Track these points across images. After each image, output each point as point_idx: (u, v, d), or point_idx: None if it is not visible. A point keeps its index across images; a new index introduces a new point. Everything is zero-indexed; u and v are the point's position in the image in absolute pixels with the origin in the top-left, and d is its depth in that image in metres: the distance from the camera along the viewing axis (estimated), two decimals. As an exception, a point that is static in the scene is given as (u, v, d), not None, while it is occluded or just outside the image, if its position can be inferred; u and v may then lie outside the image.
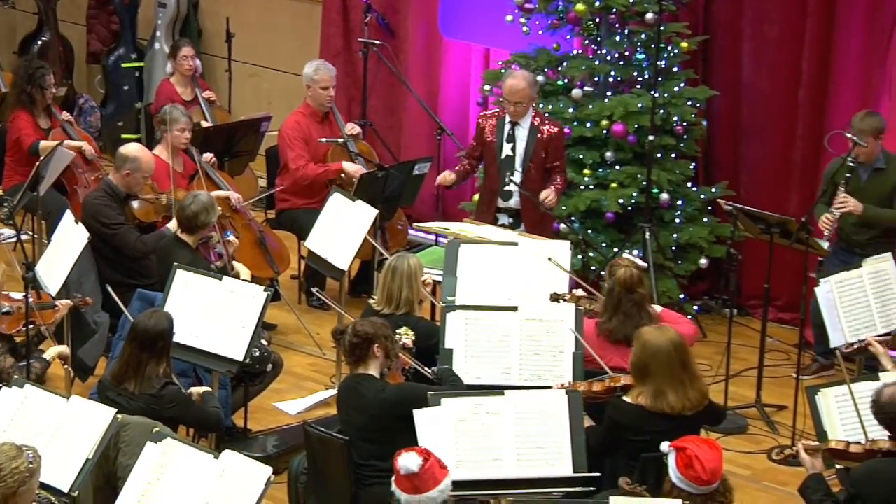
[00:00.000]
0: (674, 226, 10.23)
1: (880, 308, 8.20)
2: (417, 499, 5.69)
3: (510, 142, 9.48)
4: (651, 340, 6.70)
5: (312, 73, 10.36)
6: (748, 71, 10.53)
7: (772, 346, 9.83)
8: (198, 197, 8.69)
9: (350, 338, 6.94)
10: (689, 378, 6.68)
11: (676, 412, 6.61)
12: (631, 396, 6.74)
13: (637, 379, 6.73)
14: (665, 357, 6.64)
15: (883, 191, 9.08)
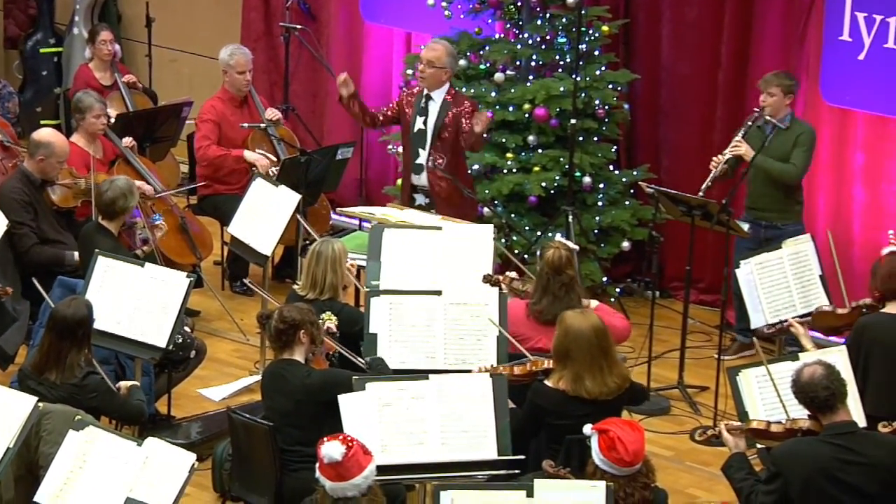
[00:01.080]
0: (596, 209, 10.28)
1: (800, 289, 8.29)
2: (342, 486, 5.68)
3: (423, 115, 9.47)
4: (573, 325, 6.73)
5: (228, 58, 10.30)
6: (668, 54, 10.60)
7: (693, 328, 9.91)
8: (115, 182, 8.61)
9: (276, 323, 6.92)
10: (608, 364, 6.71)
11: (594, 397, 6.65)
12: (552, 380, 6.77)
13: (558, 363, 6.76)
14: (586, 342, 6.67)
15: (783, 150, 9.23)
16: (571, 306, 7.31)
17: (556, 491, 5.81)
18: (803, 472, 6.16)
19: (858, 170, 9.77)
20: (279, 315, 6.92)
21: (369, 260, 8.23)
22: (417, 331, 7.50)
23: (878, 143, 9.68)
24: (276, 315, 6.94)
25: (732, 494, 7.68)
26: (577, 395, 6.66)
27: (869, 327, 7.49)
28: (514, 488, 5.87)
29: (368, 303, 7.53)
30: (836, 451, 6.18)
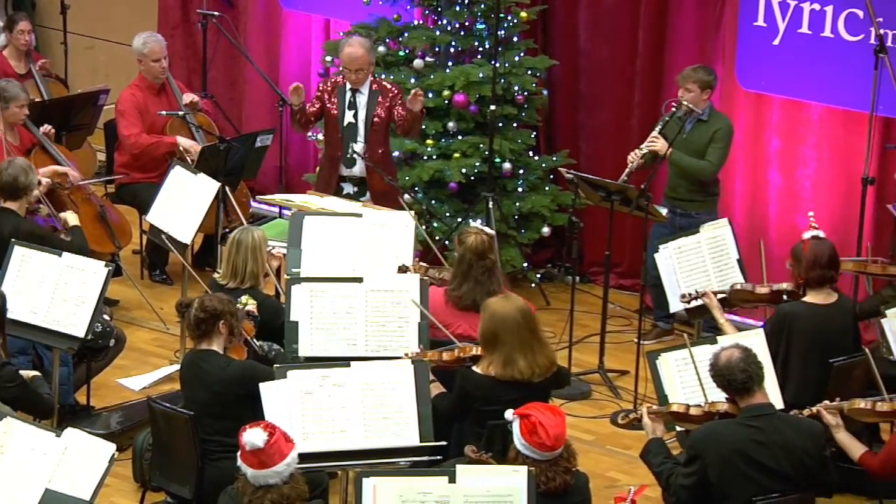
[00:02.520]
0: (516, 195, 10.31)
1: (717, 273, 8.37)
2: (263, 473, 5.67)
3: (352, 109, 9.46)
4: (498, 310, 6.75)
5: (141, 47, 10.21)
6: (586, 40, 10.64)
7: (613, 312, 9.97)
8: (13, 161, 8.52)
9: (196, 312, 6.88)
10: (537, 344, 6.75)
11: (526, 378, 6.67)
12: (481, 367, 6.78)
13: (486, 349, 6.77)
14: (513, 324, 6.69)
15: (701, 142, 9.31)
16: (493, 291, 7.34)
17: (478, 476, 5.83)
18: (721, 453, 6.23)
19: (774, 154, 9.86)
20: (199, 305, 6.88)
21: (290, 247, 8.21)
22: (339, 318, 7.48)
23: (794, 128, 9.78)
24: (196, 304, 6.90)
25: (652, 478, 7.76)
26: (507, 379, 6.67)
27: (791, 316, 7.56)
28: (436, 474, 5.88)
29: (289, 290, 7.50)
30: (753, 433, 6.25)
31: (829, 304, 7.59)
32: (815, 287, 7.60)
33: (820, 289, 7.59)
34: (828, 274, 7.57)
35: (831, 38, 9.44)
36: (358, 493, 5.79)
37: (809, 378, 7.47)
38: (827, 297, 7.60)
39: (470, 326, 7.29)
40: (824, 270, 7.56)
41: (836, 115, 9.58)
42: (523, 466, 5.86)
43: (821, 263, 7.56)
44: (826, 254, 7.57)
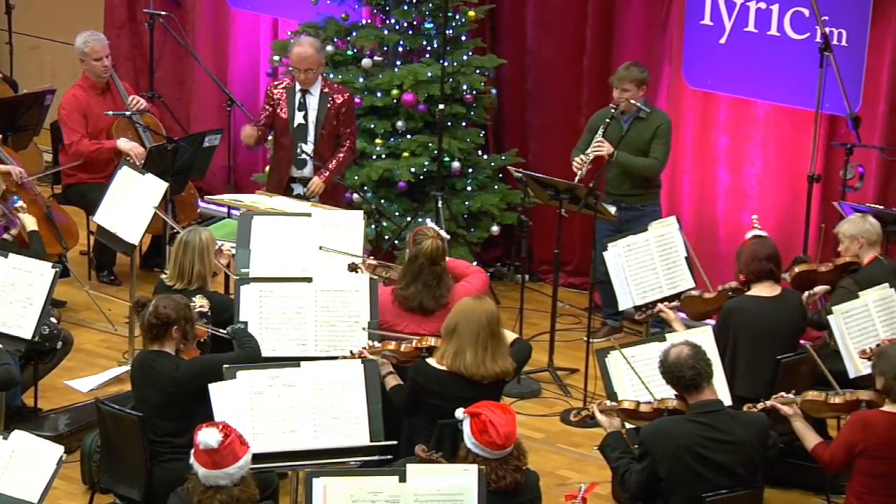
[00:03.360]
0: (465, 194, 10.32)
1: (666, 270, 8.41)
2: (215, 474, 5.65)
3: (301, 110, 9.44)
4: (467, 305, 6.76)
5: (83, 46, 10.15)
6: (534, 39, 10.67)
7: (563, 311, 10.00)
8: None
9: (150, 318, 6.84)
10: (493, 348, 6.71)
11: (470, 374, 6.66)
12: (435, 358, 6.78)
13: (445, 339, 6.76)
14: (475, 320, 6.68)
15: (642, 139, 9.35)
16: (441, 295, 7.34)
17: (429, 475, 5.83)
18: (670, 449, 6.26)
19: (721, 153, 9.92)
20: (154, 309, 6.84)
21: (238, 247, 8.18)
22: (288, 318, 7.47)
23: (740, 126, 9.83)
24: (151, 307, 6.86)
25: (602, 475, 7.81)
26: (455, 372, 6.66)
27: (735, 311, 7.62)
28: (386, 474, 5.88)
29: (238, 291, 7.48)
30: (702, 429, 6.28)
31: (773, 297, 7.65)
32: (757, 281, 7.66)
33: (762, 282, 7.65)
34: (766, 267, 7.64)
35: (777, 36, 9.50)
36: (308, 494, 5.78)
37: (759, 370, 7.53)
38: (770, 290, 7.66)
39: (417, 326, 7.29)
40: (762, 263, 7.63)
41: (782, 113, 9.64)
42: (474, 465, 5.87)
43: (759, 257, 7.64)
44: (765, 249, 7.67)
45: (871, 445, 6.40)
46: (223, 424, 5.78)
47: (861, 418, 6.50)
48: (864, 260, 8.02)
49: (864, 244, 8.02)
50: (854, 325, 7.54)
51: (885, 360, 6.52)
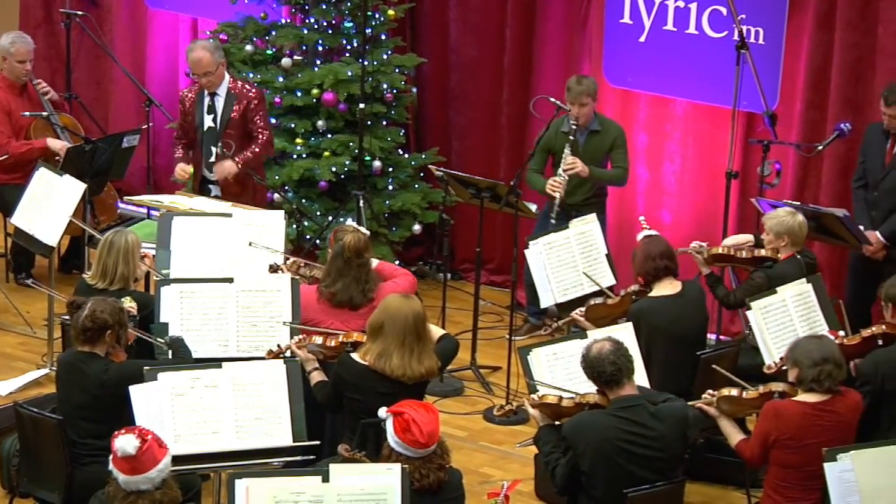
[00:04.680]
0: (387, 193, 10.32)
1: (587, 268, 8.44)
2: (135, 480, 5.60)
3: (211, 113, 9.39)
4: (393, 304, 6.74)
5: (9, 46, 10.05)
6: (455, 37, 10.69)
7: (485, 309, 10.03)
8: None
9: (86, 321, 6.77)
10: (419, 350, 6.70)
11: (396, 377, 6.66)
12: (359, 353, 6.77)
13: (370, 337, 6.76)
14: (402, 321, 6.67)
15: (599, 152, 9.36)
16: (369, 289, 7.34)
17: (352, 475, 5.82)
18: (591, 443, 6.30)
19: (641, 150, 9.99)
20: (91, 313, 6.76)
21: (158, 248, 8.13)
22: (209, 319, 7.43)
23: (660, 124, 9.91)
24: (88, 310, 6.78)
25: (525, 472, 7.85)
26: (379, 370, 6.66)
27: (644, 313, 7.65)
28: (309, 474, 5.86)
29: (158, 292, 7.43)
30: (622, 423, 6.33)
31: (675, 294, 7.71)
32: (655, 280, 7.72)
33: (661, 281, 7.71)
34: (661, 264, 7.70)
35: (695, 34, 9.58)
36: (231, 495, 5.75)
37: (672, 368, 7.57)
38: (671, 287, 7.72)
39: (342, 324, 7.28)
40: (657, 261, 7.69)
41: (700, 111, 9.73)
42: (397, 464, 5.86)
43: (652, 256, 7.70)
44: (657, 247, 7.72)
45: (784, 435, 6.47)
46: (140, 430, 5.73)
47: (773, 408, 6.57)
48: (782, 256, 8.11)
49: (787, 243, 8.10)
50: (772, 320, 7.61)
51: (800, 350, 6.60)
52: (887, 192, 8.78)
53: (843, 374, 6.59)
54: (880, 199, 8.80)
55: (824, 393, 6.52)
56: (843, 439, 6.39)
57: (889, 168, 8.77)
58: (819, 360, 6.50)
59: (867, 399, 6.82)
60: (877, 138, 8.82)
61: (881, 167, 8.80)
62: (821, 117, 9.27)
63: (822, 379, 6.49)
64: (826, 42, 9.19)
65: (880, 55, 9.01)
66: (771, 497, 6.59)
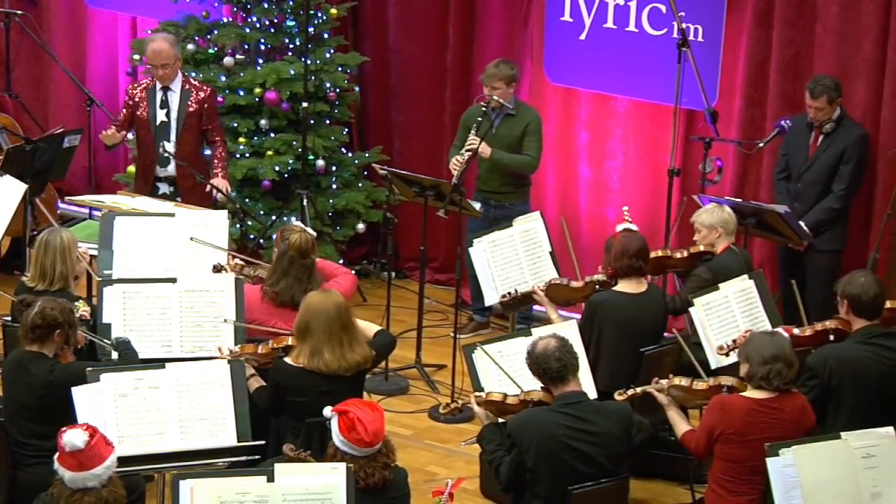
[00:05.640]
0: (330, 192, 10.31)
1: (531, 266, 8.47)
2: (82, 476, 5.58)
3: (164, 108, 9.35)
4: (315, 302, 6.75)
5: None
6: (396, 36, 10.69)
7: (430, 307, 10.04)
8: None
9: (35, 318, 6.71)
10: (348, 340, 6.74)
11: (332, 371, 6.67)
12: (292, 357, 6.77)
13: (298, 339, 6.77)
14: (325, 316, 6.69)
15: (513, 136, 9.41)
16: (311, 289, 7.33)
17: (297, 475, 5.81)
18: (535, 440, 6.32)
19: (583, 148, 10.03)
20: (41, 310, 6.71)
21: (100, 249, 8.08)
22: (152, 319, 7.40)
23: (602, 122, 9.95)
24: (37, 308, 6.73)
25: (470, 470, 7.87)
26: (314, 369, 6.66)
27: (601, 306, 7.69)
28: (254, 474, 5.85)
29: (101, 292, 7.39)
30: (566, 419, 6.35)
31: (639, 294, 7.74)
32: (624, 277, 7.75)
33: (629, 279, 7.74)
34: (636, 264, 7.72)
35: (636, 32, 9.63)
36: (175, 496, 5.73)
37: (621, 365, 7.61)
38: (637, 286, 7.75)
39: (286, 323, 7.27)
40: (632, 260, 7.71)
41: (641, 109, 9.78)
42: (342, 463, 5.86)
43: (628, 253, 7.71)
44: (635, 245, 7.73)
45: (729, 429, 6.51)
46: (87, 425, 5.72)
47: (720, 402, 6.61)
48: (719, 249, 8.17)
49: (721, 233, 8.17)
50: (715, 317, 7.66)
51: (752, 346, 6.63)
52: (811, 183, 8.88)
53: (794, 374, 6.63)
54: (804, 191, 8.90)
55: (773, 391, 6.56)
56: (787, 437, 6.42)
57: (812, 160, 8.87)
58: (770, 358, 6.53)
59: (812, 393, 6.88)
60: (800, 130, 8.93)
61: (804, 159, 8.90)
62: (760, 114, 9.35)
63: (772, 377, 6.53)
64: (765, 39, 9.26)
65: (818, 52, 9.09)
66: (715, 491, 6.64)
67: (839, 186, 8.83)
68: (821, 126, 8.82)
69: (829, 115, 8.77)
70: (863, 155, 8.83)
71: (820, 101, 8.70)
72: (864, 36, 8.92)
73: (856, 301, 7.09)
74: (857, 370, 6.98)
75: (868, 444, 6.34)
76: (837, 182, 8.83)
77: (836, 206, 8.83)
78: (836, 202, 8.83)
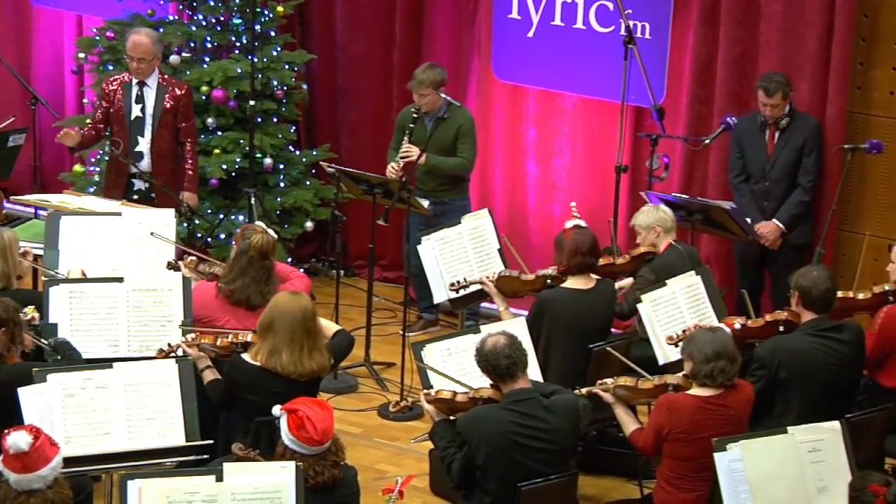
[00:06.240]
0: (278, 190, 10.28)
1: (479, 262, 8.49)
2: (27, 478, 5.54)
3: (139, 103, 9.29)
4: (282, 302, 6.72)
5: None
6: (344, 33, 10.68)
7: (379, 305, 10.03)
8: None
9: None
10: (309, 346, 6.70)
11: (287, 374, 6.64)
12: (250, 354, 6.74)
13: (260, 336, 6.74)
14: (291, 319, 6.66)
15: (447, 139, 9.43)
16: (267, 290, 7.30)
17: (246, 474, 5.79)
18: (486, 437, 6.33)
19: (531, 145, 10.04)
20: None
21: (46, 248, 8.03)
22: (99, 319, 7.36)
23: (549, 119, 9.97)
24: None
25: (420, 468, 7.88)
26: (270, 369, 6.64)
27: (550, 302, 7.71)
28: (203, 474, 5.82)
29: (47, 293, 7.34)
30: (516, 416, 6.36)
31: (588, 290, 7.77)
32: (575, 274, 7.77)
33: (580, 275, 7.76)
34: (588, 261, 7.75)
35: (583, 29, 9.65)
36: (123, 497, 5.70)
37: (571, 361, 7.64)
38: (586, 282, 7.78)
39: (238, 321, 7.24)
40: (584, 258, 7.74)
41: (589, 106, 9.81)
42: (291, 462, 5.85)
43: (581, 251, 7.74)
44: (587, 242, 7.76)
45: (677, 428, 6.55)
46: (32, 427, 5.68)
47: (667, 401, 6.64)
48: (661, 248, 8.21)
49: (660, 232, 8.22)
50: (662, 313, 7.70)
51: (694, 344, 6.66)
52: (777, 180, 8.95)
53: (737, 369, 6.67)
54: (771, 189, 8.97)
55: (717, 388, 6.60)
56: (735, 433, 6.46)
57: (774, 157, 8.92)
58: (712, 355, 6.56)
59: (760, 383, 6.92)
60: (751, 130, 8.99)
61: (765, 158, 8.95)
62: (707, 111, 9.40)
63: (716, 374, 6.57)
64: (711, 37, 9.31)
65: (763, 49, 9.15)
66: (664, 488, 6.67)
67: (806, 178, 8.91)
68: (776, 123, 8.88)
69: (783, 110, 8.85)
70: (821, 145, 8.92)
71: (776, 98, 8.77)
72: (808, 33, 8.99)
73: (806, 294, 7.15)
74: (806, 362, 7.03)
75: (814, 439, 6.39)
76: (803, 175, 8.92)
77: (806, 198, 8.92)
78: (806, 194, 8.92)
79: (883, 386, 7.50)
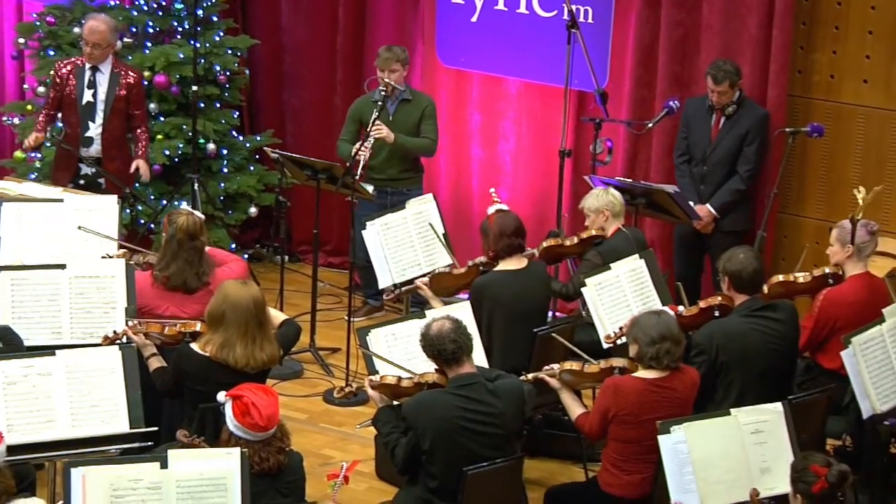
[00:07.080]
0: (221, 176, 10.24)
1: (424, 247, 8.49)
2: (-29, 468, 5.51)
3: (91, 88, 9.23)
4: (233, 292, 6.66)
5: None
6: (287, 18, 10.65)
7: (324, 290, 10.02)
8: None
9: None
10: (261, 338, 6.66)
11: (240, 367, 6.61)
12: (199, 344, 6.70)
13: (210, 327, 6.69)
14: (243, 309, 6.61)
15: (411, 121, 9.42)
16: (203, 272, 7.28)
17: (191, 461, 5.77)
18: (431, 422, 6.34)
19: (475, 130, 10.06)
20: None
21: (-14, 236, 7.97)
22: (41, 306, 7.31)
23: (493, 103, 9.99)
24: None
25: (366, 453, 7.88)
26: (221, 361, 6.60)
27: (486, 287, 7.72)
28: (147, 461, 5.80)
29: (-11, 280, 7.29)
30: (461, 401, 6.38)
31: (520, 269, 7.79)
32: (505, 256, 7.79)
33: (510, 257, 7.78)
34: (515, 242, 7.78)
35: (526, 14, 9.66)
36: (66, 485, 5.67)
37: (513, 343, 7.65)
38: (518, 262, 7.80)
39: (177, 307, 7.22)
40: (511, 239, 7.77)
41: (533, 90, 9.82)
42: (236, 448, 5.83)
43: (507, 233, 7.77)
44: (511, 224, 7.79)
45: (623, 410, 6.58)
46: (-26, 417, 5.65)
47: (613, 384, 6.67)
48: (609, 232, 8.24)
49: (609, 216, 8.25)
50: (606, 296, 7.73)
51: (639, 327, 6.69)
52: (716, 165, 9.00)
53: (682, 351, 6.71)
54: (709, 173, 9.02)
55: (663, 370, 6.63)
56: (680, 415, 6.50)
57: (717, 142, 8.98)
58: (657, 337, 6.60)
59: (702, 369, 6.96)
60: (699, 113, 9.04)
61: (708, 142, 9.00)
62: (650, 95, 9.44)
63: (661, 356, 6.60)
64: (653, 20, 9.34)
65: (705, 32, 9.20)
66: (608, 471, 6.70)
67: (744, 167, 8.96)
68: (723, 109, 8.94)
69: (731, 98, 8.89)
70: (765, 135, 8.96)
71: (723, 87, 8.83)
72: (748, 16, 9.04)
73: (736, 277, 7.21)
74: (744, 343, 7.09)
75: (757, 420, 6.44)
76: (742, 163, 8.96)
77: (741, 187, 8.96)
78: (742, 183, 8.96)
79: (824, 367, 7.56)
